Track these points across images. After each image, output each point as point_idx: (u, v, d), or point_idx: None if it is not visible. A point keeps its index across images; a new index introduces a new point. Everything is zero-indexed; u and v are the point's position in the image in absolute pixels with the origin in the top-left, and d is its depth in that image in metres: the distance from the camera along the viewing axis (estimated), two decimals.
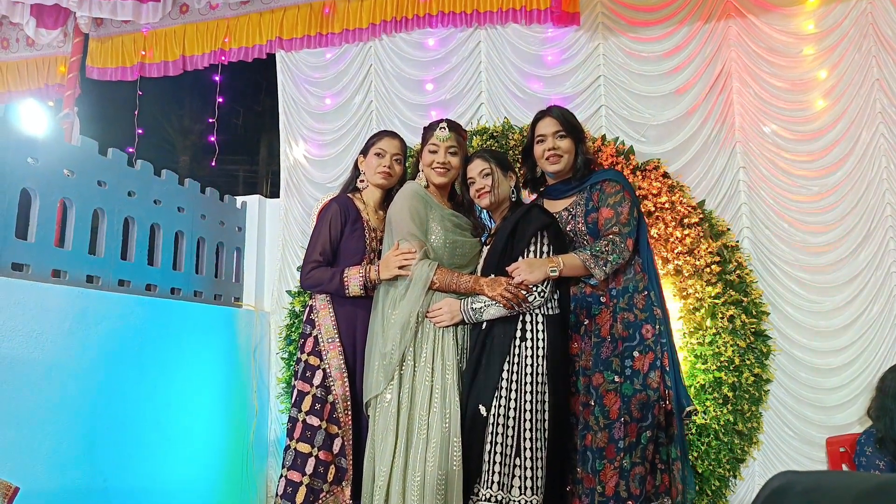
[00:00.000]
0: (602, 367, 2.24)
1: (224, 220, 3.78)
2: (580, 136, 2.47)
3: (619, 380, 2.22)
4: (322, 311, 2.43)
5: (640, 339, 2.26)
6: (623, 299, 2.30)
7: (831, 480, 0.64)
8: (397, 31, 3.95)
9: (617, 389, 2.21)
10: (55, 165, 2.69)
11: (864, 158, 3.23)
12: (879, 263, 3.16)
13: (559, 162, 2.41)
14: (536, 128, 2.48)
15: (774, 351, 3.19)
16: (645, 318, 2.28)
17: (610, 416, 2.19)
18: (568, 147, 2.42)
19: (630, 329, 2.26)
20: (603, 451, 2.18)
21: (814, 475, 0.66)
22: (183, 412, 3.07)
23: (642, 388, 2.21)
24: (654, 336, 2.27)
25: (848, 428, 3.07)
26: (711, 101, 3.44)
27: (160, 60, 4.42)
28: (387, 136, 2.58)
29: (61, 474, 2.40)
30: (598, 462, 2.18)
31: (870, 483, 0.60)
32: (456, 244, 2.33)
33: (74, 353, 2.50)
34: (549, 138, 2.42)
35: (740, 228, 3.32)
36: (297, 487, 2.27)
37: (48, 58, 4.82)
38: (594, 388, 2.24)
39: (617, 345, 2.25)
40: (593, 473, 2.18)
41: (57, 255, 2.65)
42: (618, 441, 2.17)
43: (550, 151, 2.41)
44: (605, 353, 2.26)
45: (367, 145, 2.60)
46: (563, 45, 3.68)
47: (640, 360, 2.24)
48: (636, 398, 2.20)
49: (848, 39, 3.30)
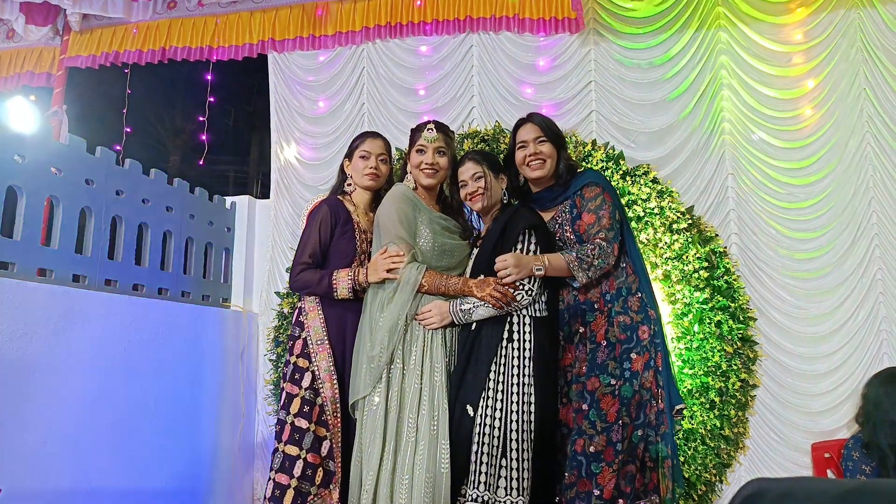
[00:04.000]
0: (598, 370, 2.23)
1: (213, 221, 3.77)
2: (561, 142, 2.47)
3: (615, 382, 2.21)
4: (311, 314, 2.42)
5: (637, 341, 2.26)
6: (618, 303, 2.29)
7: (803, 487, 0.64)
8: (391, 37, 3.95)
9: (614, 392, 2.20)
10: (42, 163, 2.67)
11: (850, 166, 3.27)
12: (865, 270, 3.20)
13: (541, 167, 2.40)
14: (517, 134, 2.48)
15: (761, 356, 3.22)
16: (641, 320, 2.28)
17: (607, 419, 2.18)
18: (549, 152, 2.41)
19: (627, 332, 2.26)
20: (600, 454, 2.16)
21: (786, 482, 0.66)
22: (169, 413, 3.04)
23: (639, 388, 2.21)
24: (650, 337, 2.27)
25: (833, 433, 3.10)
26: (701, 109, 3.47)
27: (138, 49, 4.33)
28: (369, 138, 2.57)
29: (45, 476, 2.38)
30: (594, 465, 2.16)
31: (840, 489, 0.61)
32: (444, 247, 2.33)
33: (60, 353, 2.48)
34: (530, 144, 2.41)
35: (728, 234, 3.35)
36: (284, 490, 2.26)
37: (34, 48, 4.72)
38: (589, 393, 2.22)
39: (614, 348, 2.24)
40: (589, 477, 2.16)
41: (43, 254, 2.63)
42: (616, 444, 2.16)
43: (532, 157, 2.40)
44: (601, 358, 2.24)
45: (350, 148, 2.59)
46: (555, 52, 3.70)
47: (637, 360, 2.23)
48: (634, 399, 2.20)
49: (836, 49, 3.35)
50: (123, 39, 4.38)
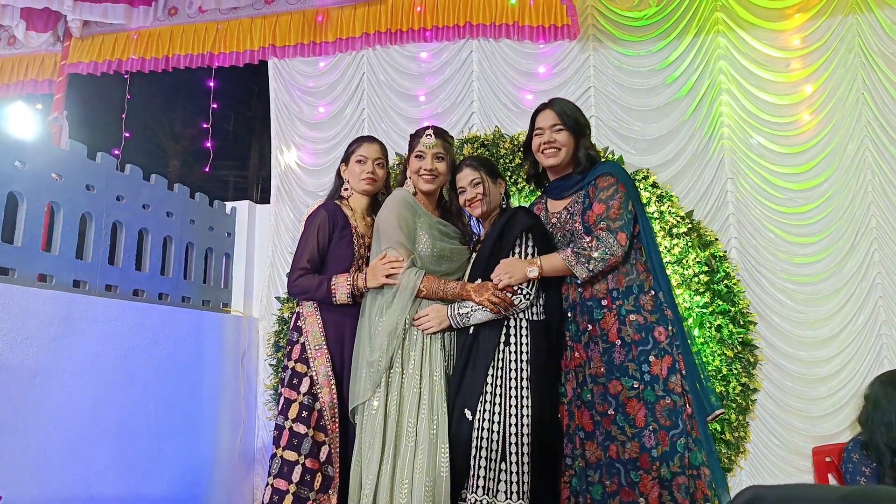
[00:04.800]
0: (618, 373, 2.14)
1: (213, 226, 3.77)
2: (582, 130, 2.37)
3: (638, 385, 2.12)
4: (309, 319, 2.42)
5: (654, 343, 2.14)
6: (628, 301, 2.19)
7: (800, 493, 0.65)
8: (391, 43, 3.97)
9: (639, 396, 2.11)
10: (43, 169, 2.67)
11: (849, 170, 3.28)
12: (865, 274, 3.20)
13: (555, 156, 2.34)
14: (535, 120, 2.42)
15: (761, 360, 3.22)
16: (656, 320, 2.17)
17: (636, 425, 2.09)
18: (565, 140, 2.33)
19: (642, 332, 2.15)
20: (636, 461, 2.07)
21: (782, 489, 0.67)
22: (169, 418, 3.04)
23: (664, 393, 2.10)
24: (668, 338, 2.16)
25: (834, 437, 3.09)
26: (700, 114, 3.48)
27: (140, 56, 4.36)
28: (365, 142, 2.58)
29: (45, 481, 2.38)
30: (632, 473, 2.07)
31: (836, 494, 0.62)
32: (443, 252, 2.34)
33: (60, 359, 2.48)
34: (546, 131, 2.35)
35: (728, 239, 3.35)
36: (283, 496, 2.25)
37: (37, 55, 4.74)
38: (612, 397, 2.14)
39: (630, 349, 2.14)
40: (630, 486, 2.07)
41: (44, 260, 2.63)
42: (650, 450, 2.07)
43: (546, 144, 2.34)
44: (619, 359, 2.15)
45: (346, 154, 2.59)
46: (555, 58, 3.72)
47: (657, 364, 2.13)
48: (660, 404, 2.10)
49: (833, 54, 3.36)
50: (125, 47, 4.40)
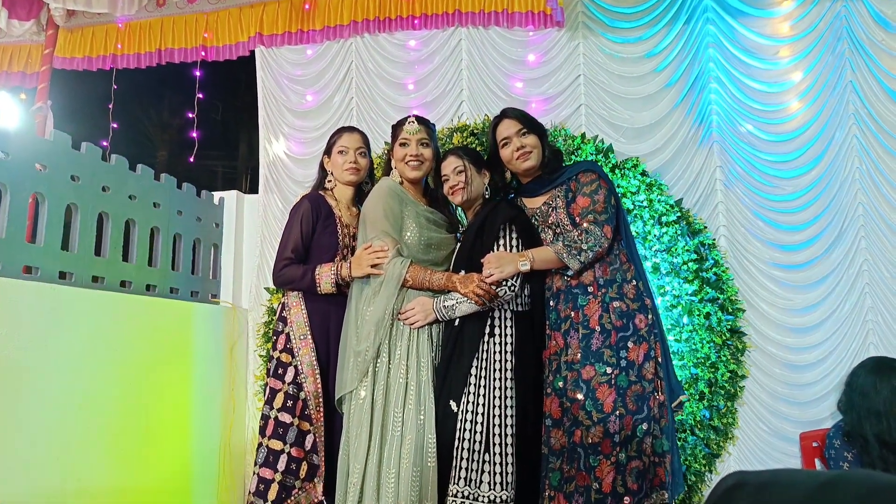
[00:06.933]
0: (593, 358, 2.18)
1: (201, 216, 3.74)
2: (542, 130, 2.47)
3: (611, 371, 2.16)
4: (294, 308, 2.42)
5: (633, 329, 2.22)
6: (612, 289, 2.26)
7: (782, 478, 0.65)
8: (380, 31, 3.93)
9: (610, 381, 2.15)
10: (27, 159, 2.64)
11: (837, 158, 3.29)
12: (851, 261, 3.22)
13: (529, 158, 2.40)
14: (497, 132, 2.46)
15: (750, 347, 3.24)
16: (637, 308, 2.25)
17: (604, 410, 2.13)
18: (534, 143, 2.41)
19: (623, 319, 2.22)
20: (598, 446, 2.11)
21: (765, 474, 0.67)
22: (159, 411, 3.03)
23: (637, 379, 2.16)
24: (647, 326, 2.23)
25: (821, 423, 3.12)
26: (689, 101, 3.47)
27: (134, 52, 4.33)
28: (346, 133, 2.58)
29: (34, 475, 2.36)
30: (591, 458, 2.11)
31: (819, 479, 0.62)
32: (431, 240, 2.33)
33: (47, 352, 2.46)
34: (513, 139, 2.40)
35: (717, 227, 3.36)
36: (269, 484, 2.26)
37: (22, 45, 4.67)
38: (584, 382, 2.17)
39: (609, 335, 2.20)
40: (587, 470, 2.10)
41: (28, 251, 2.60)
42: (613, 435, 2.11)
43: (519, 151, 2.39)
44: (596, 345, 2.20)
45: (328, 145, 2.59)
46: (544, 46, 3.70)
47: (634, 350, 2.19)
48: (631, 390, 2.14)
49: (822, 41, 3.36)
50: (115, 40, 4.36)
